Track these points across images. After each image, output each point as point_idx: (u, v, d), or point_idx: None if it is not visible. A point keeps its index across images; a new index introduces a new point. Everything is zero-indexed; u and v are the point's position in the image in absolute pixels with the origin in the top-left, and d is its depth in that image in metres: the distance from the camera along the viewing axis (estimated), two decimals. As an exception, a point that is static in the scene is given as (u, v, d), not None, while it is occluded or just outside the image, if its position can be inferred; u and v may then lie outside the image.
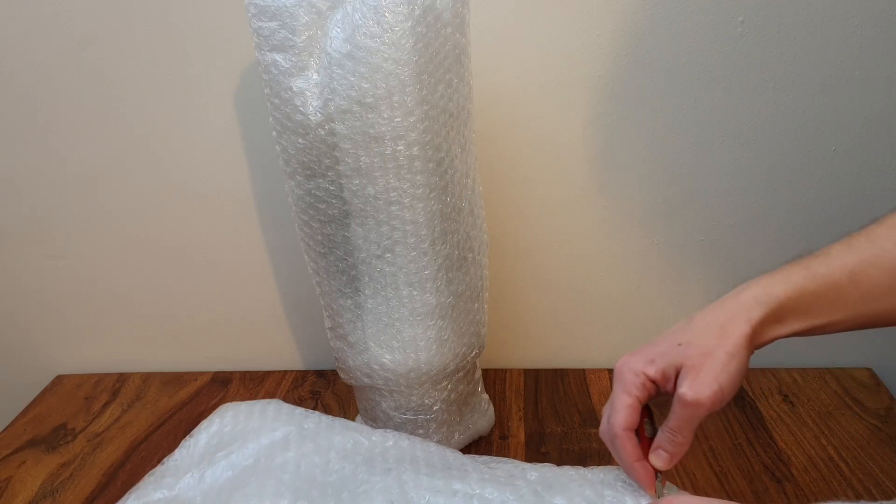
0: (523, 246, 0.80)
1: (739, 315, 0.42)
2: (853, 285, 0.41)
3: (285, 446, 0.56)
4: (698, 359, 0.41)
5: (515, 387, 0.82)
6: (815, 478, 0.65)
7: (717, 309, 0.43)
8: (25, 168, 0.80)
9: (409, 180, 0.54)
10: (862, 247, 0.41)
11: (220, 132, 0.76)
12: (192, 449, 0.59)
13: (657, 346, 0.44)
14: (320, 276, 0.62)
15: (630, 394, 0.43)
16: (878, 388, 0.77)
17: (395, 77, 0.51)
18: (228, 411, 0.62)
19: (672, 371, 0.43)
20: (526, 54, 0.70)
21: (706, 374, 0.41)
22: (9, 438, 0.79)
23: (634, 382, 0.43)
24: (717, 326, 0.42)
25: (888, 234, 0.40)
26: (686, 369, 0.42)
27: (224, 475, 0.55)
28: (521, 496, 0.48)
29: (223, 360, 0.90)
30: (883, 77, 0.68)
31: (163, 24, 0.71)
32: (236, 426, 0.60)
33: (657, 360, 0.43)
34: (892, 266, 0.40)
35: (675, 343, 0.43)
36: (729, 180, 0.74)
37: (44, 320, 0.90)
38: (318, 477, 0.53)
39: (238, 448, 0.57)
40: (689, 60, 0.69)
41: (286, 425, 0.59)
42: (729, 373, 0.41)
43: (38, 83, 0.75)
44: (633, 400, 0.43)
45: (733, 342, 0.41)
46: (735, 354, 0.41)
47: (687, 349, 0.42)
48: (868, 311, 0.42)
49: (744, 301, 0.42)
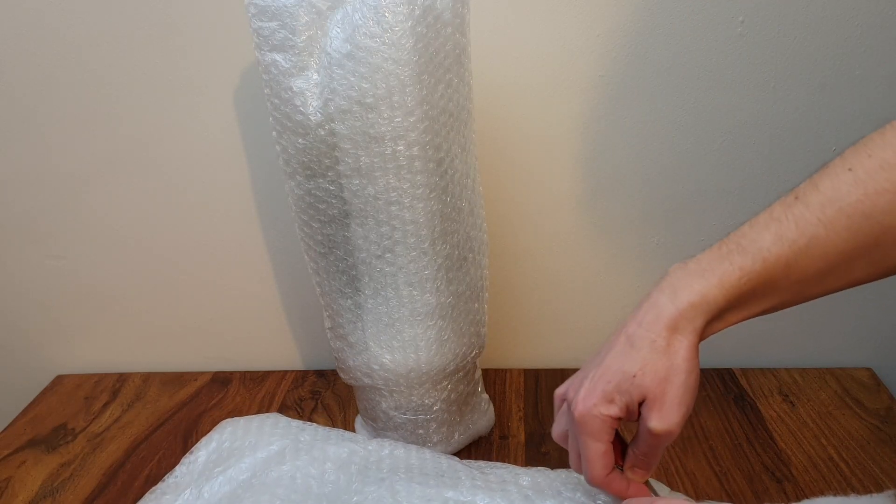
0: (523, 246, 0.80)
1: (682, 326, 0.41)
2: (787, 275, 0.40)
3: (281, 460, 0.57)
4: (657, 387, 0.41)
5: (515, 387, 0.82)
6: (815, 478, 0.65)
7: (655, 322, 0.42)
8: (25, 168, 0.80)
9: (409, 180, 0.54)
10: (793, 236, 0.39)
11: (220, 132, 0.76)
12: (191, 466, 0.60)
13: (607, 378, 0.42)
14: (320, 276, 0.62)
15: (602, 441, 0.43)
16: (878, 388, 0.77)
17: (395, 77, 0.51)
18: (227, 427, 0.63)
19: (634, 404, 0.42)
20: (526, 54, 0.70)
21: (671, 402, 0.41)
22: (9, 438, 0.79)
23: (603, 428, 0.43)
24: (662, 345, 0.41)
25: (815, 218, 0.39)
26: (649, 401, 0.41)
27: (221, 490, 0.56)
28: (511, 502, 0.49)
29: (223, 360, 0.90)
30: (882, 77, 0.68)
31: (163, 24, 0.71)
32: (234, 442, 0.61)
33: (616, 398, 0.42)
34: (822, 253, 0.39)
35: (628, 375, 0.41)
36: (729, 180, 0.74)
37: (44, 320, 0.90)
38: (314, 488, 0.54)
39: (235, 463, 0.58)
40: (689, 60, 0.69)
41: (282, 439, 0.60)
42: (690, 390, 0.41)
43: (37, 83, 0.75)
44: (606, 446, 0.43)
45: (684, 357, 0.41)
46: (690, 370, 0.41)
47: (642, 379, 0.41)
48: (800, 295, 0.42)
49: (682, 310, 0.41)
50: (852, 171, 0.39)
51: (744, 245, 0.41)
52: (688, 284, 0.41)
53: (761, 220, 0.41)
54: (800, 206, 0.40)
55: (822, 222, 0.39)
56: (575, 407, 0.43)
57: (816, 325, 0.81)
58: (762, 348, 0.82)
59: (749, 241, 0.41)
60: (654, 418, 0.41)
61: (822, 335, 0.82)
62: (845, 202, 0.38)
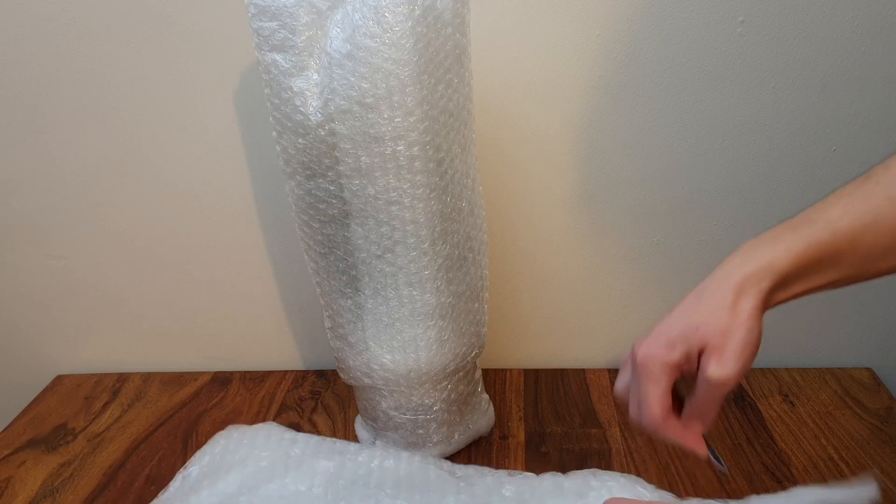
0: (523, 246, 0.80)
1: (749, 288, 0.43)
2: (852, 250, 0.42)
3: (270, 476, 0.59)
4: (718, 339, 0.42)
5: (515, 387, 0.82)
6: (815, 478, 0.65)
7: (724, 283, 0.44)
8: (25, 168, 0.80)
9: (409, 180, 0.54)
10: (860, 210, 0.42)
11: (220, 132, 0.76)
12: (185, 481, 0.61)
13: (672, 327, 0.45)
14: (320, 276, 0.62)
15: (659, 384, 0.44)
16: (878, 388, 0.77)
17: (395, 77, 0.51)
18: (221, 440, 0.64)
19: (694, 353, 0.43)
20: (526, 54, 0.70)
21: (729, 353, 0.42)
22: (9, 438, 0.79)
23: (663, 371, 0.44)
24: (729, 302, 0.43)
25: (885, 194, 0.41)
26: (709, 350, 0.42)
27: (208, 501, 0.56)
28: None
29: (223, 360, 0.90)
30: (883, 77, 0.68)
31: (163, 24, 0.71)
32: (225, 455, 0.62)
33: (678, 344, 0.44)
34: (889, 228, 0.41)
35: (692, 325, 0.43)
36: (729, 180, 0.74)
37: (44, 320, 0.90)
38: None
39: (223, 476, 0.59)
40: (689, 60, 0.69)
41: (273, 452, 0.61)
42: (749, 347, 0.43)
43: (37, 83, 0.75)
44: (664, 389, 0.44)
45: (747, 316, 0.42)
46: (752, 328, 0.42)
47: (705, 330, 0.43)
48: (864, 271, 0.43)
49: (750, 274, 0.43)
50: None
51: (812, 218, 0.43)
52: (758, 250, 0.44)
53: (832, 197, 0.43)
54: (870, 183, 0.42)
55: (890, 199, 0.41)
56: (638, 352, 0.45)
57: (816, 325, 0.81)
58: (762, 348, 0.82)
59: (818, 214, 0.43)
60: (712, 366, 0.42)
61: (822, 335, 0.82)
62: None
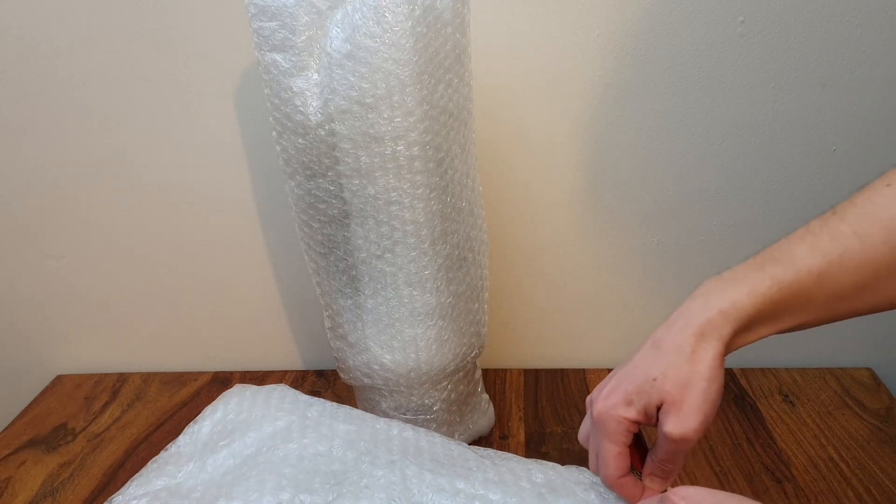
0: (523, 246, 0.80)
1: (710, 334, 0.40)
2: (820, 288, 0.40)
3: (287, 437, 0.55)
4: (677, 392, 0.40)
5: (515, 387, 0.82)
6: (815, 478, 0.65)
7: (683, 328, 0.41)
8: (25, 168, 0.80)
9: (409, 180, 0.54)
10: (827, 247, 0.39)
11: (219, 132, 0.76)
12: (195, 436, 0.58)
13: (629, 381, 0.42)
14: (320, 276, 0.62)
15: (617, 442, 0.43)
16: (878, 388, 0.77)
17: (395, 77, 0.51)
18: (233, 397, 0.61)
19: (652, 408, 0.41)
20: (526, 54, 0.70)
21: (689, 407, 0.40)
22: (9, 438, 0.79)
23: (619, 430, 0.42)
24: (688, 351, 0.40)
25: (851, 231, 0.39)
26: (667, 405, 0.41)
27: (226, 464, 0.54)
28: (523, 500, 0.48)
29: (223, 360, 0.90)
30: (883, 77, 0.68)
31: (162, 24, 0.71)
32: (240, 414, 0.59)
33: (635, 400, 0.42)
34: (857, 265, 0.39)
35: (649, 378, 0.41)
36: (729, 180, 0.74)
37: (44, 320, 0.90)
38: (321, 466, 0.53)
39: (240, 437, 0.56)
40: (689, 60, 0.69)
41: (289, 414, 0.57)
42: (710, 399, 0.40)
43: (37, 83, 0.75)
44: (622, 448, 0.43)
45: (708, 365, 0.40)
46: (713, 378, 0.40)
47: (663, 383, 0.41)
48: (832, 312, 0.41)
49: (711, 318, 0.40)
50: (890, 186, 0.39)
51: (777, 256, 0.41)
52: (719, 292, 0.41)
53: (797, 234, 0.41)
54: (836, 219, 0.40)
55: (858, 234, 0.39)
56: (595, 407, 0.43)
57: (816, 325, 0.81)
58: (762, 348, 0.82)
59: (783, 252, 0.41)
60: (670, 422, 0.40)
61: (822, 335, 0.81)
62: (882, 215, 0.38)
